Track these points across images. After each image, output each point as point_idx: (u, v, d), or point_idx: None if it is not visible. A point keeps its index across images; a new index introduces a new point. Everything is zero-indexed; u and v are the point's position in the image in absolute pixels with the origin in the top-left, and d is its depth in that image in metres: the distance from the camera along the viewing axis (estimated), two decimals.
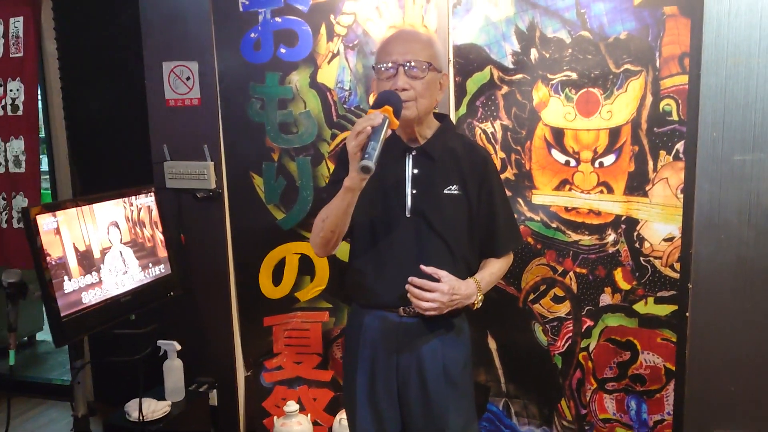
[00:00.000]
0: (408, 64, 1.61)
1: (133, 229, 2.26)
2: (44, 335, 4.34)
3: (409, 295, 1.61)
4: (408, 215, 1.69)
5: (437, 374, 1.71)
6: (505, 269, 1.83)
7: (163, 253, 2.40)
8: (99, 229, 2.12)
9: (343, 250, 2.43)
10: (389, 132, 1.49)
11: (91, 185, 2.93)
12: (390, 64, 1.63)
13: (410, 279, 1.61)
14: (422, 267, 1.62)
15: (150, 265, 2.31)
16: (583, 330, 2.25)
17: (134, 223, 2.27)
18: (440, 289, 1.60)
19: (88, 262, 2.04)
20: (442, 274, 1.62)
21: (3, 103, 2.94)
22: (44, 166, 3.25)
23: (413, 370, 1.71)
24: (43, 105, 3.07)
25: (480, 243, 1.77)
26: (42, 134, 3.12)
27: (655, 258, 2.14)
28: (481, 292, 1.70)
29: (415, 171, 1.70)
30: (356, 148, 1.46)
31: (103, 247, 2.12)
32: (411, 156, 1.71)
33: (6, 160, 2.98)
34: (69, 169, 3.05)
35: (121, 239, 2.21)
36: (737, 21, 1.94)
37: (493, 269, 1.78)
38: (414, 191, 1.69)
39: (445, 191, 1.69)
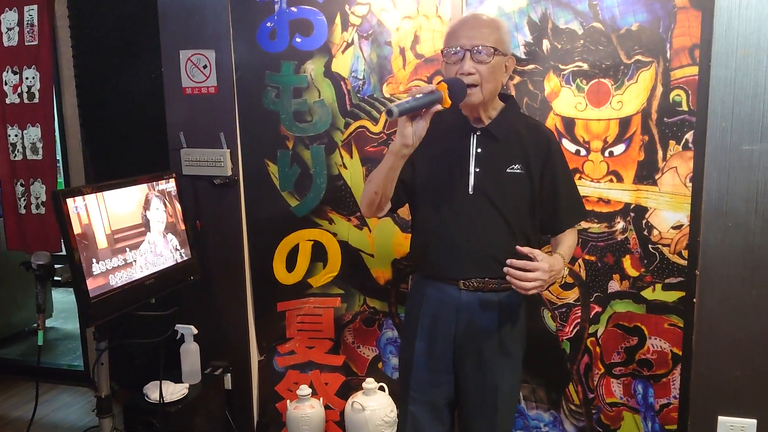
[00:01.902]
0: (475, 48, 1.66)
1: (157, 213, 2.30)
2: (53, 322, 4.38)
3: (508, 277, 1.62)
4: (470, 192, 1.75)
5: (493, 346, 1.80)
6: (576, 241, 1.91)
7: (183, 238, 2.44)
8: (124, 212, 2.16)
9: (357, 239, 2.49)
10: (438, 107, 1.55)
11: (105, 173, 2.95)
12: (458, 48, 1.68)
13: (510, 261, 1.62)
14: (518, 248, 1.64)
15: (173, 249, 2.36)
16: (591, 316, 2.30)
17: (158, 208, 2.31)
18: (541, 268, 1.61)
19: (114, 245, 2.09)
20: (537, 252, 1.63)
21: (20, 91, 2.97)
22: (57, 155, 3.28)
23: (470, 341, 1.80)
24: (56, 93, 3.10)
25: (544, 219, 1.83)
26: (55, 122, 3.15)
27: (664, 245, 2.19)
28: (566, 267, 1.75)
29: (479, 150, 1.76)
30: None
31: (129, 230, 2.16)
32: (475, 136, 1.77)
33: (24, 148, 3.01)
34: (82, 157, 3.08)
35: (147, 223, 2.26)
36: (747, 13, 1.97)
37: (569, 242, 1.85)
38: (477, 170, 1.75)
39: (508, 170, 1.76)
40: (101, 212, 2.05)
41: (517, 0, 2.20)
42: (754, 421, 2.14)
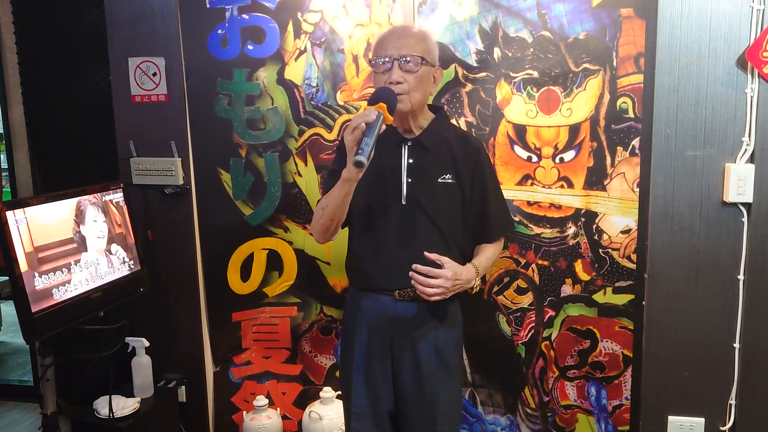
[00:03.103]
0: (403, 58, 1.68)
1: (103, 224, 2.24)
2: (2, 336, 4.24)
3: (413, 282, 1.66)
4: (403, 203, 1.76)
5: (430, 355, 1.79)
6: (498, 253, 1.92)
7: (132, 249, 2.39)
8: (69, 224, 2.10)
9: (314, 247, 2.48)
10: (384, 127, 1.57)
11: (53, 183, 2.87)
12: (386, 58, 1.70)
13: (414, 266, 1.66)
14: (426, 254, 1.67)
15: (120, 261, 2.30)
16: (545, 320, 2.33)
17: (104, 219, 2.25)
18: (444, 275, 1.65)
19: (57, 258, 2.03)
20: (445, 260, 1.67)
21: None
22: (3, 164, 3.18)
23: (407, 351, 1.79)
24: (2, 101, 3.00)
25: (473, 229, 1.84)
26: (0, 131, 3.05)
27: (613, 249, 2.24)
28: (479, 277, 1.77)
29: (411, 161, 1.77)
30: (352, 143, 1.54)
31: (74, 242, 2.10)
32: (406, 146, 1.78)
33: None
34: (30, 166, 2.99)
35: (92, 235, 2.19)
36: (689, 23, 2.03)
37: (488, 254, 1.85)
38: (409, 180, 1.76)
39: (439, 180, 1.77)
40: (43, 225, 1.98)
41: (468, 8, 2.22)
42: (702, 419, 2.19)
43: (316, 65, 2.38)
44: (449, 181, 1.77)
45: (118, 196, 2.34)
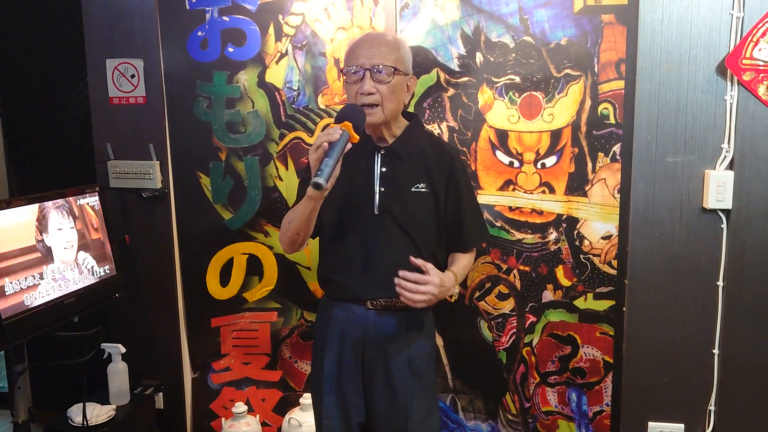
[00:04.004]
0: (374, 68, 1.65)
1: (77, 229, 2.19)
2: None
3: (398, 289, 1.61)
4: (376, 212, 1.73)
5: (402, 366, 1.76)
6: (472, 262, 1.90)
7: (108, 253, 2.34)
8: (41, 228, 2.05)
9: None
10: (349, 146, 1.52)
11: (29, 185, 2.83)
12: (357, 68, 1.66)
13: (401, 273, 1.61)
14: (412, 259, 1.62)
15: (95, 266, 2.26)
16: (526, 326, 2.33)
17: (78, 223, 2.21)
18: (432, 282, 1.62)
19: (30, 262, 1.98)
20: (430, 266, 1.63)
21: None
22: None
23: (379, 361, 1.76)
24: None
25: (448, 238, 1.82)
26: None
27: (594, 255, 2.24)
28: (458, 284, 1.75)
29: (383, 169, 1.74)
30: (315, 161, 1.50)
31: (47, 247, 2.06)
32: (379, 155, 1.75)
33: None
34: (5, 169, 2.94)
35: (65, 239, 2.14)
36: (669, 30, 2.04)
37: (464, 262, 1.83)
38: (382, 189, 1.73)
39: (413, 189, 1.74)
40: (14, 229, 1.92)
41: (451, 13, 2.22)
42: (682, 425, 2.20)
43: (297, 68, 2.36)
44: (423, 190, 1.75)
45: (94, 200, 2.30)
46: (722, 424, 2.15)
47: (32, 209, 2.02)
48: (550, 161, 2.23)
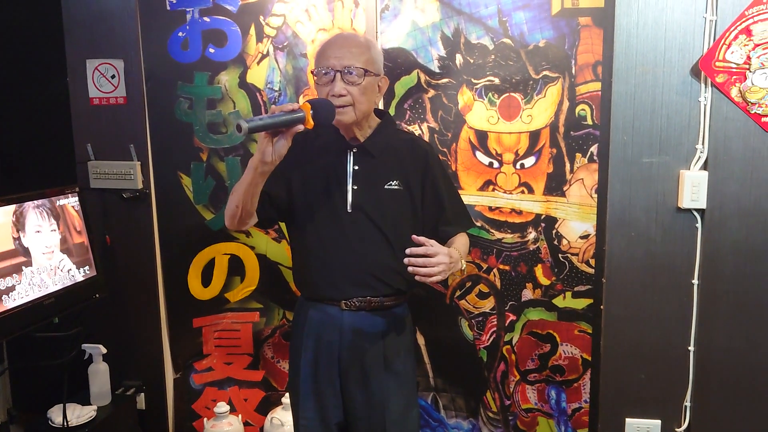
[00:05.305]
0: (345, 69, 1.64)
1: (56, 229, 2.19)
2: None
3: (411, 269, 1.57)
4: (349, 210, 1.73)
5: (378, 365, 1.77)
6: (468, 242, 1.88)
7: (88, 254, 2.33)
8: (19, 229, 2.04)
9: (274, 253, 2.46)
10: (300, 127, 1.49)
11: (8, 186, 2.80)
12: (328, 69, 1.66)
13: (409, 250, 1.57)
14: (414, 237, 1.59)
15: (75, 266, 2.25)
16: (506, 324, 2.35)
17: (58, 224, 2.20)
18: (441, 251, 1.58)
19: (7, 263, 1.97)
20: (432, 241, 1.60)
21: None
22: None
23: (355, 361, 1.77)
24: None
25: (435, 228, 1.82)
26: None
27: (572, 254, 2.27)
28: (463, 258, 1.73)
29: (356, 167, 1.74)
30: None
31: (25, 248, 2.05)
32: (352, 153, 1.75)
33: None
34: None
35: (44, 240, 2.14)
36: (644, 33, 2.07)
37: (461, 240, 1.82)
38: (354, 187, 1.73)
39: (386, 186, 1.75)
40: None
41: (431, 14, 2.24)
42: (659, 421, 2.23)
43: (278, 69, 2.36)
44: (395, 187, 1.76)
45: (74, 200, 2.29)
46: (698, 420, 2.19)
47: (8, 210, 2.01)
48: (529, 162, 2.25)
